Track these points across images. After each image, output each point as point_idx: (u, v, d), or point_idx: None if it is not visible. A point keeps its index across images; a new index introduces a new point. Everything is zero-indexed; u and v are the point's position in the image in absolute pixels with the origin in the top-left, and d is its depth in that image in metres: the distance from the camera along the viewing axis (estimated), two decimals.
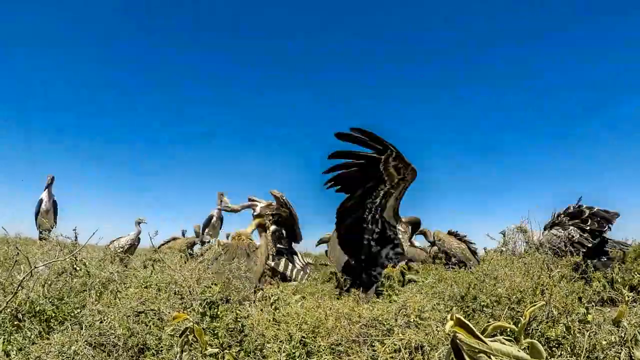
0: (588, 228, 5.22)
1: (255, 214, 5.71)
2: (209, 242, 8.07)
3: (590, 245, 5.10)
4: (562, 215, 5.57)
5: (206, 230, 8.72)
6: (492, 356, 0.73)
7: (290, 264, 5.50)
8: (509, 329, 1.23)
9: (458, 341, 0.76)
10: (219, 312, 2.61)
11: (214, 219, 8.78)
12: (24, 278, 2.33)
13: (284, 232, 5.95)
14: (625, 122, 16.42)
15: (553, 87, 18.08)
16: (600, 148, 17.04)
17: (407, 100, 20.10)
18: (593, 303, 2.70)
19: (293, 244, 6.08)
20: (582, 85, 17.67)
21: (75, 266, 2.87)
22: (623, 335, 2.12)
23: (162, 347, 2.34)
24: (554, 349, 2.30)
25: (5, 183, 14.76)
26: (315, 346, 2.40)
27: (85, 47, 19.18)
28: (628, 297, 2.25)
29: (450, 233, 6.79)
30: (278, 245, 5.75)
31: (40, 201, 7.73)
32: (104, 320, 2.39)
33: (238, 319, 2.55)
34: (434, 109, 19.89)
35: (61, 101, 18.12)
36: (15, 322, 2.35)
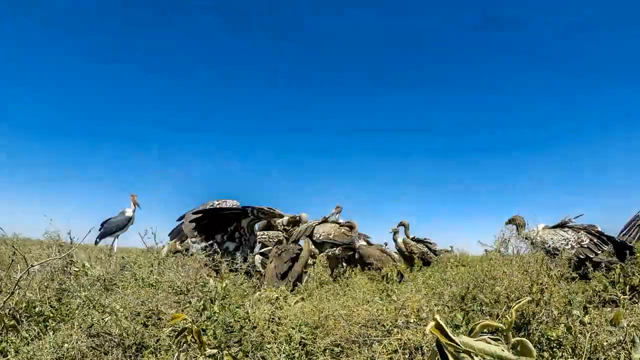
0: (599, 235, 5.06)
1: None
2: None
3: (599, 252, 4.93)
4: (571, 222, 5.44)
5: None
6: (475, 356, 0.72)
7: None
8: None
9: (442, 342, 0.75)
10: (217, 310, 2.60)
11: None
12: (20, 277, 2.33)
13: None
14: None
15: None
16: (600, 149, 17.01)
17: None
18: (594, 303, 2.68)
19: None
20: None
21: (73, 266, 2.87)
22: (623, 338, 2.10)
23: (160, 346, 2.33)
24: (554, 349, 2.27)
25: (5, 183, 14.84)
26: (314, 347, 2.39)
27: (92, 45, 19.20)
28: (624, 299, 2.23)
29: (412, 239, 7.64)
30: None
31: (129, 218, 7.97)
32: (101, 321, 2.38)
33: (237, 319, 2.54)
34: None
35: (55, 100, 18.13)
36: (12, 322, 2.35)
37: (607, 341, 2.13)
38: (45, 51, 17.74)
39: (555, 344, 2.30)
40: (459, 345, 0.71)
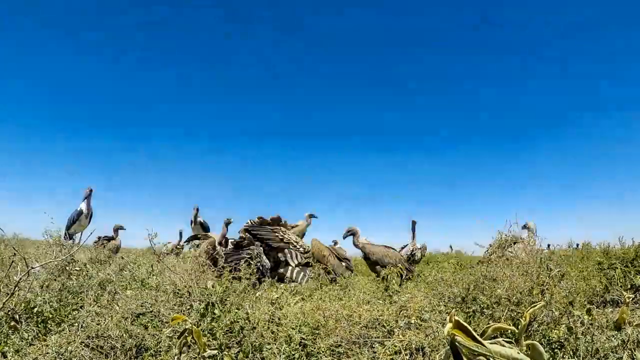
0: None
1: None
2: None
3: None
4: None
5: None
6: (491, 358, 0.72)
7: (290, 265, 5.48)
8: (509, 331, 1.22)
9: (457, 343, 0.74)
10: (218, 313, 2.59)
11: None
12: (20, 279, 2.31)
13: None
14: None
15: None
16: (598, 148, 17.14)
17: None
18: (596, 304, 2.67)
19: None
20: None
21: (74, 267, 2.85)
22: (626, 339, 2.09)
23: (160, 348, 2.32)
24: (556, 350, 2.27)
25: (4, 183, 14.81)
26: (315, 348, 2.38)
27: (91, 41, 19.19)
28: (628, 297, 2.22)
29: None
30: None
31: (80, 212, 7.97)
32: (102, 322, 2.37)
33: (237, 320, 2.53)
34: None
35: (55, 99, 18.17)
36: (12, 324, 2.33)
37: (608, 343, 2.12)
38: (45, 50, 17.75)
39: (556, 345, 2.29)
40: (485, 347, 0.70)
